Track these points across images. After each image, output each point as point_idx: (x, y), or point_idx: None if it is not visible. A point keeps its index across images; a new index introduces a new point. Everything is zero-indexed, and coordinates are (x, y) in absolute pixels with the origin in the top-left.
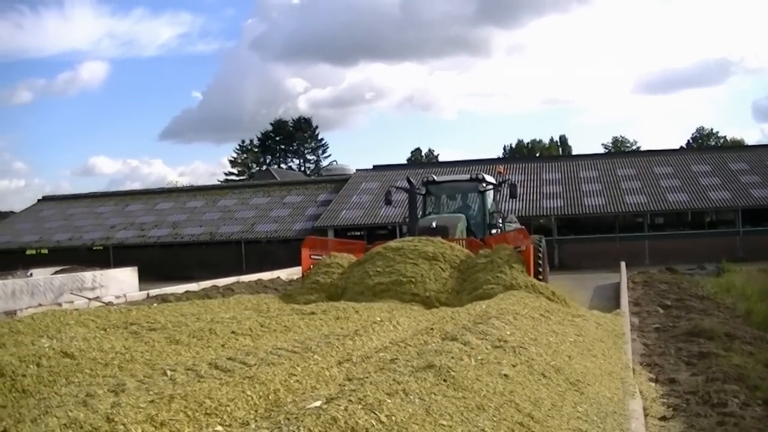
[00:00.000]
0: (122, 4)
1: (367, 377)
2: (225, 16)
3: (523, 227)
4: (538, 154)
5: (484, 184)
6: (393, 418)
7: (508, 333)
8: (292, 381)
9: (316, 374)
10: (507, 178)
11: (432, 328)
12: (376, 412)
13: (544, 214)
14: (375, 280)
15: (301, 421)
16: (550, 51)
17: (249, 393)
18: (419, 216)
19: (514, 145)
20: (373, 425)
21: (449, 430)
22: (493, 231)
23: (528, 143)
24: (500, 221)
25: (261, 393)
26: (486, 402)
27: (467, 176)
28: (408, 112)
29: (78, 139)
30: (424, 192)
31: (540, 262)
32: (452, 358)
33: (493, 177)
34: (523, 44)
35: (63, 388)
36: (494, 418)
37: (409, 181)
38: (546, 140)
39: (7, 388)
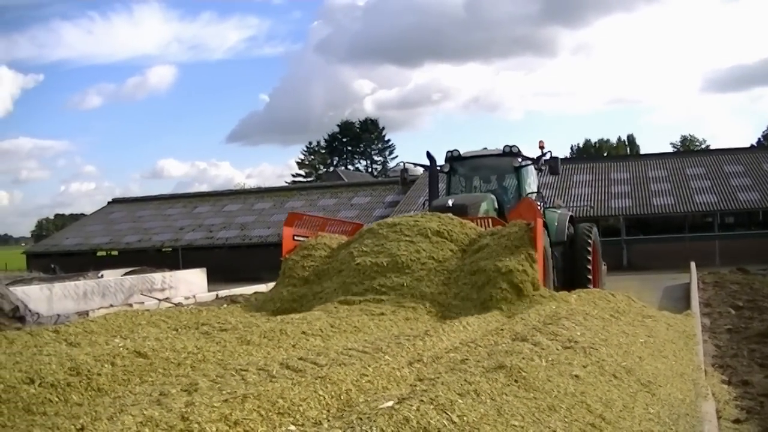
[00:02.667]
0: (190, 8)
1: (438, 378)
2: (291, 19)
3: (533, 203)
4: (605, 154)
5: (520, 159)
6: (465, 418)
7: (579, 333)
8: (363, 381)
9: (387, 374)
10: (547, 151)
11: (502, 329)
12: (448, 413)
13: (613, 214)
14: (357, 261)
15: (374, 421)
16: (616, 50)
17: (321, 393)
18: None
19: (581, 145)
20: (445, 425)
21: (521, 430)
22: None
23: (595, 143)
24: (540, 204)
25: (333, 393)
26: (557, 403)
27: (499, 150)
28: (474, 113)
29: (147, 142)
30: (447, 170)
31: (589, 257)
32: (523, 358)
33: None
34: (589, 43)
35: (137, 387)
36: (566, 419)
37: (429, 155)
38: (613, 140)
39: (83, 386)
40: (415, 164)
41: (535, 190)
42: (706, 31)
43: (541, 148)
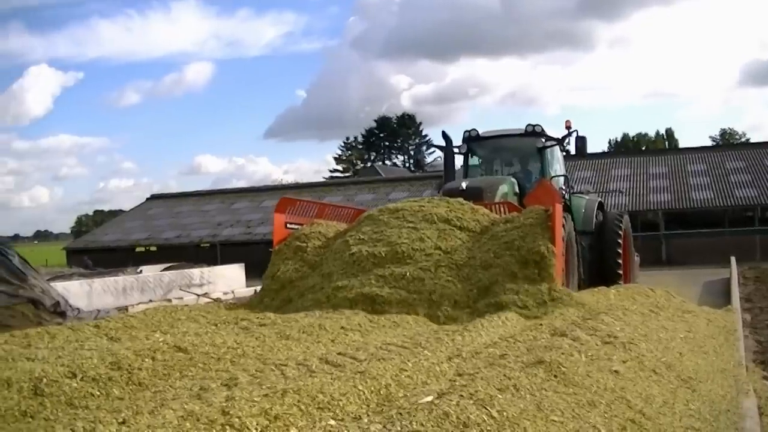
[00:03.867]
0: (227, 5)
1: (477, 373)
2: (328, 15)
3: (551, 186)
4: (644, 148)
5: (544, 140)
6: (504, 413)
7: (618, 329)
8: (402, 376)
9: (427, 369)
10: (573, 130)
11: (541, 324)
12: (488, 408)
13: (651, 208)
14: (352, 250)
15: (414, 416)
16: (653, 43)
17: (360, 388)
18: None
19: (619, 139)
20: (484, 420)
21: (561, 426)
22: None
23: (633, 137)
24: (565, 189)
25: (372, 388)
26: (597, 398)
27: (521, 129)
28: (511, 108)
29: (184, 138)
30: (465, 151)
31: (619, 249)
32: (562, 353)
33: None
34: (626, 37)
35: (177, 381)
36: (605, 415)
37: (444, 135)
38: (652, 134)
39: (124, 380)
40: (433, 145)
41: (561, 173)
42: (743, 23)
43: (568, 128)
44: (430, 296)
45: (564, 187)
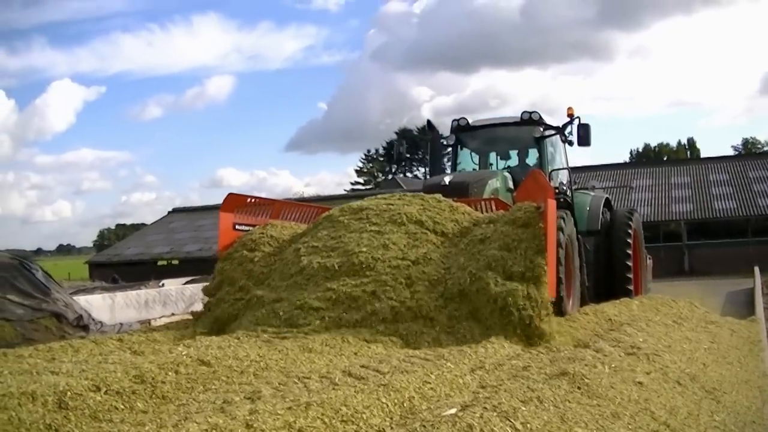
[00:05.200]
0: (248, 19)
1: (500, 385)
2: (348, 28)
3: (543, 178)
4: (665, 158)
5: (542, 128)
6: (528, 425)
7: (641, 340)
8: (426, 388)
9: (450, 382)
10: (576, 117)
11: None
12: (512, 420)
13: (673, 218)
14: (302, 261)
15: (437, 429)
16: (674, 53)
17: (384, 400)
18: None
19: (640, 149)
20: None
21: None
22: (564, 198)
23: (655, 147)
24: (567, 184)
25: (396, 400)
26: (621, 410)
27: (516, 116)
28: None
29: (206, 152)
30: (453, 142)
31: (629, 250)
32: (585, 365)
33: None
34: (647, 47)
35: (201, 394)
36: (630, 426)
37: (430, 125)
38: (673, 143)
39: (147, 394)
40: (415, 136)
41: (563, 166)
42: (766, 32)
43: (570, 115)
44: (386, 317)
45: (565, 183)
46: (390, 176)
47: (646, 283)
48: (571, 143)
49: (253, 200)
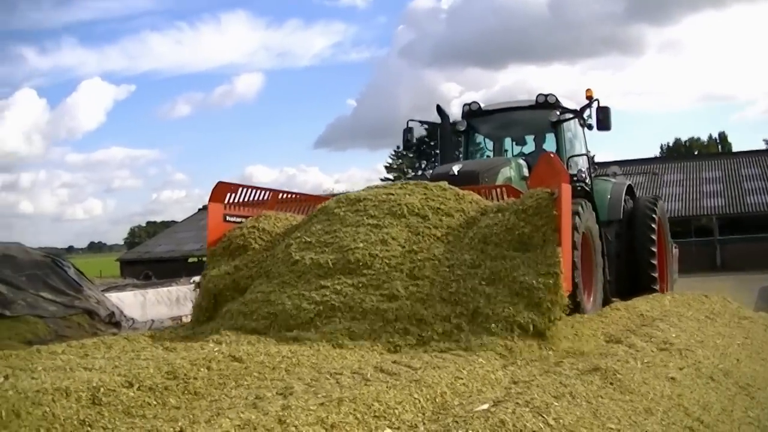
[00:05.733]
0: (277, 16)
1: (533, 380)
2: (377, 24)
3: (557, 161)
4: (696, 153)
5: (558, 112)
6: (561, 421)
7: (674, 335)
8: (458, 384)
9: (482, 377)
10: (594, 99)
11: (595, 332)
12: (544, 415)
13: (705, 213)
14: (294, 257)
15: (470, 424)
16: (705, 47)
17: (416, 396)
18: None
19: (671, 144)
20: (541, 428)
21: None
22: (582, 186)
23: (686, 141)
24: (585, 173)
25: (428, 396)
26: (654, 405)
27: (531, 100)
28: None
29: (235, 149)
30: (464, 128)
31: (653, 237)
32: (618, 360)
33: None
34: (677, 41)
35: (233, 390)
36: (663, 422)
37: (439, 109)
38: (704, 138)
39: (179, 390)
40: (422, 122)
41: (583, 152)
42: None
43: (589, 97)
44: (380, 322)
45: (584, 170)
46: (420, 172)
47: (672, 274)
48: (590, 127)
49: (245, 189)
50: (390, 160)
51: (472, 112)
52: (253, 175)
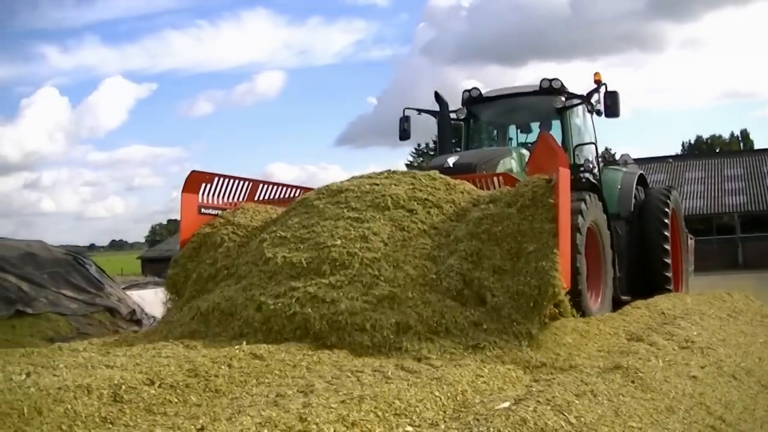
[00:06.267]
0: (298, 14)
1: (554, 378)
2: (398, 22)
3: (553, 142)
4: (718, 150)
5: (564, 98)
6: (582, 419)
7: (695, 333)
8: (479, 382)
9: (503, 375)
10: (602, 83)
11: (616, 331)
12: (565, 414)
13: (726, 211)
14: (267, 254)
15: (491, 422)
16: (727, 43)
17: (437, 394)
18: None
19: (692, 142)
20: (562, 426)
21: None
22: (587, 177)
23: (707, 139)
24: (593, 162)
25: (449, 394)
26: (675, 404)
27: (535, 85)
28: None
29: (256, 147)
30: (464, 116)
31: (666, 232)
32: (639, 359)
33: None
34: (698, 38)
35: (254, 388)
36: (684, 421)
37: (437, 97)
38: (726, 135)
39: (201, 387)
40: (420, 110)
41: (591, 141)
42: None
43: (597, 81)
44: (353, 330)
45: (592, 160)
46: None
47: (687, 267)
48: (599, 113)
49: (221, 179)
50: (411, 158)
51: (472, 99)
52: (274, 173)
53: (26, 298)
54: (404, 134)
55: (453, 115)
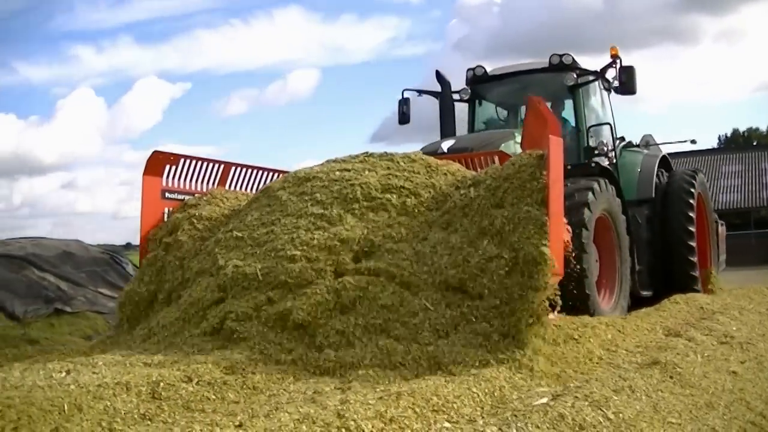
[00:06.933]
0: (330, 11)
1: (591, 374)
2: (430, 18)
3: (543, 106)
4: (755, 143)
5: (576, 74)
6: (620, 415)
7: (734, 329)
8: (516, 378)
9: (539, 372)
10: (617, 58)
11: (654, 326)
12: (603, 409)
13: (764, 204)
14: (218, 262)
15: (529, 418)
16: (764, 36)
17: (474, 390)
18: None
19: (729, 135)
20: (600, 422)
21: (678, 428)
22: (603, 161)
23: (744, 132)
24: (609, 144)
25: (486, 390)
26: (715, 400)
27: (544, 62)
28: (616, 107)
29: (290, 144)
30: (468, 97)
31: (691, 214)
32: (677, 354)
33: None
34: (734, 30)
35: (291, 385)
36: (724, 417)
37: (439, 77)
38: (763, 128)
39: (238, 384)
40: (421, 91)
41: (606, 121)
42: None
43: (613, 56)
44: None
45: (607, 142)
46: None
47: (717, 256)
48: (617, 91)
49: (188, 160)
50: None
51: (477, 78)
52: None
53: (64, 297)
54: (403, 118)
55: (456, 96)
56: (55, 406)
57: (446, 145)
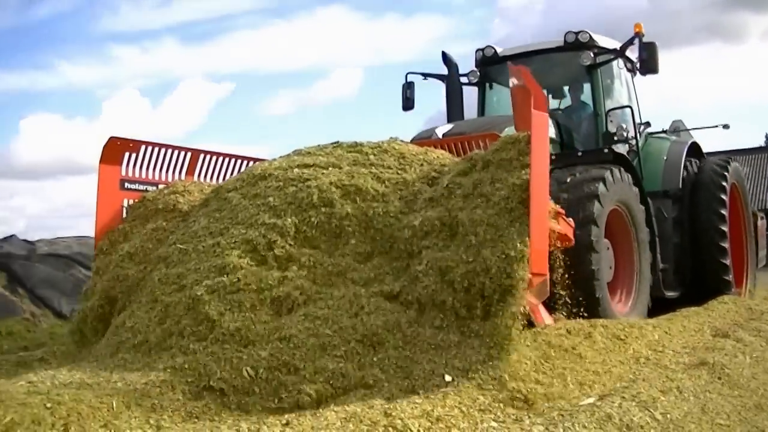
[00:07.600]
0: (375, 11)
1: (638, 374)
2: (474, 18)
3: (524, 70)
4: None
5: (593, 53)
6: (668, 416)
7: None
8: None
9: (585, 372)
10: (640, 34)
11: (702, 326)
12: (651, 410)
13: None
14: (156, 279)
15: (575, 418)
16: None
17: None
18: None
19: None
20: (647, 423)
21: (727, 429)
22: (620, 149)
23: None
24: (631, 129)
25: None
26: (764, 401)
27: (559, 40)
28: (660, 105)
29: None
30: (477, 80)
31: (722, 211)
32: (725, 355)
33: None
34: None
35: None
36: None
37: (446, 58)
38: None
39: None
40: (426, 75)
41: (627, 104)
42: None
43: (637, 33)
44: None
45: (626, 126)
46: None
47: (755, 252)
48: (638, 70)
49: (150, 147)
50: None
51: (486, 60)
52: None
53: None
54: (407, 103)
55: (464, 79)
56: (104, 403)
57: (441, 130)
